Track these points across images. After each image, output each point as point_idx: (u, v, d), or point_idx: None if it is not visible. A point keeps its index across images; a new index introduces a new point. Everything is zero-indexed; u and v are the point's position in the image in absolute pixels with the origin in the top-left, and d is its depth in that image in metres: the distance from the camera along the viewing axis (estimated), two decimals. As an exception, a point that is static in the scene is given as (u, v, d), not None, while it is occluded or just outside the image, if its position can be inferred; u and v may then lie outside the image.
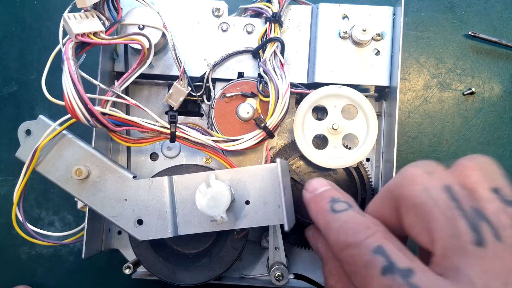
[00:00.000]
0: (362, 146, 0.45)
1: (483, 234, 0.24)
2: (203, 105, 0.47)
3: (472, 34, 0.57)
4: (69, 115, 0.38)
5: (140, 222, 0.39)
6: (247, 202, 0.38)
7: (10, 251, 0.56)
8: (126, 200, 0.39)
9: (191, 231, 0.39)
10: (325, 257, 0.34)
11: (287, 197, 0.38)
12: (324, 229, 0.30)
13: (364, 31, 0.44)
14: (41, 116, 0.40)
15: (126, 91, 0.47)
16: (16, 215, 0.41)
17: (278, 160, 0.37)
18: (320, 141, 0.47)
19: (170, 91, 0.43)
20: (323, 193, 0.33)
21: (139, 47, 0.40)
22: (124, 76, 0.40)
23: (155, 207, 0.39)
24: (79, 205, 0.44)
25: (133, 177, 0.40)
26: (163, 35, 0.43)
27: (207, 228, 0.39)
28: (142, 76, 0.46)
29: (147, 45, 0.40)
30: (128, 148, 0.48)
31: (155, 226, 0.39)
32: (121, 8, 0.43)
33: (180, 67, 0.43)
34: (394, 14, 0.46)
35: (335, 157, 0.46)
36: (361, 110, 0.45)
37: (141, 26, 0.43)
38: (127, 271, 0.44)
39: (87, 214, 0.43)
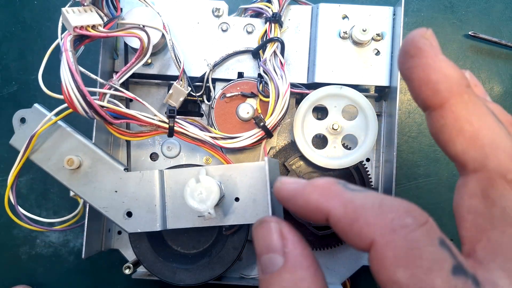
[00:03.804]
0: (362, 146, 0.45)
1: None
2: (203, 105, 0.47)
3: (472, 34, 0.57)
4: (65, 105, 0.38)
5: (129, 214, 0.39)
6: (237, 199, 0.38)
7: (10, 251, 0.56)
8: (116, 191, 0.40)
9: (179, 225, 0.39)
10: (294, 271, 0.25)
11: (274, 195, 0.38)
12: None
13: (364, 31, 0.44)
14: (36, 105, 0.41)
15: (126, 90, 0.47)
16: (8, 198, 0.41)
17: (266, 158, 0.37)
18: (320, 141, 0.47)
19: (170, 91, 0.44)
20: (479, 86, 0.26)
21: (138, 44, 0.40)
22: (123, 69, 0.40)
23: (145, 200, 0.39)
24: (72, 193, 0.44)
25: (124, 169, 0.40)
26: (163, 35, 0.43)
27: (195, 223, 0.39)
28: (142, 76, 0.46)
29: (145, 40, 0.40)
30: (128, 144, 0.48)
31: (144, 219, 0.39)
32: (121, 8, 0.43)
33: (180, 67, 0.43)
34: (394, 14, 0.46)
35: (335, 157, 0.46)
36: (361, 111, 0.45)
37: (141, 26, 0.43)
38: (127, 271, 0.44)
39: (87, 214, 0.43)
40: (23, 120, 0.41)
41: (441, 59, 0.24)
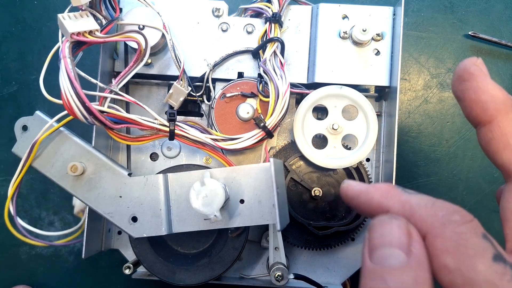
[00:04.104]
0: (362, 146, 0.45)
1: None
2: (203, 105, 0.47)
3: (472, 34, 0.57)
4: (66, 111, 0.38)
5: (134, 219, 0.40)
6: (242, 201, 0.38)
7: (10, 251, 0.56)
8: (121, 197, 0.40)
9: (185, 229, 0.39)
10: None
11: (280, 197, 0.38)
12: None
13: (364, 31, 0.44)
14: (37, 112, 0.41)
15: (127, 91, 0.47)
16: (9, 209, 0.41)
17: (271, 159, 0.37)
18: (320, 141, 0.47)
19: (170, 91, 0.43)
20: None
21: (136, 45, 0.40)
22: (121, 74, 0.40)
23: (150, 205, 0.39)
24: (76, 210, 0.44)
25: (128, 174, 0.40)
26: (163, 35, 0.43)
27: (201, 226, 0.39)
28: (142, 76, 0.46)
29: (143, 43, 0.40)
30: (128, 147, 0.48)
31: (149, 224, 0.39)
32: (120, 8, 0.43)
33: (180, 67, 0.43)
34: (394, 14, 0.46)
35: (335, 157, 0.46)
36: (362, 111, 0.45)
37: (141, 26, 0.43)
38: (127, 271, 0.44)
39: (87, 214, 0.43)
40: (25, 128, 0.41)
41: (490, 83, 0.28)
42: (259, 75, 0.46)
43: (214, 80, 0.47)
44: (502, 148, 0.27)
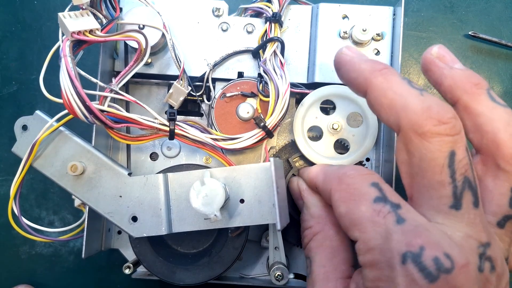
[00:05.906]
0: (362, 146, 0.45)
1: (462, 202, 0.28)
2: (203, 105, 0.47)
3: (472, 34, 0.57)
4: (66, 111, 0.38)
5: (134, 219, 0.40)
6: (242, 201, 0.38)
7: (10, 251, 0.56)
8: (121, 196, 0.40)
9: (185, 228, 0.39)
10: (308, 203, 0.39)
11: (280, 196, 0.38)
12: (394, 100, 0.30)
13: (364, 31, 0.44)
14: (37, 112, 0.41)
15: (127, 90, 0.47)
16: (12, 209, 0.41)
17: (271, 159, 0.37)
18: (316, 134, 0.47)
19: (170, 90, 0.44)
20: (389, 68, 0.32)
21: (136, 45, 0.40)
22: (122, 73, 0.40)
23: (150, 204, 0.39)
24: (76, 203, 0.44)
25: (128, 174, 0.40)
26: (163, 35, 0.43)
27: (201, 226, 0.39)
28: (142, 75, 0.46)
29: (143, 43, 0.40)
30: (128, 146, 0.48)
31: (150, 223, 0.39)
32: (120, 8, 0.43)
33: (180, 67, 0.43)
34: (394, 14, 0.46)
35: (336, 158, 0.46)
36: (364, 115, 0.45)
37: (141, 26, 0.43)
38: (127, 271, 0.44)
39: (87, 214, 0.43)
40: (24, 128, 0.41)
41: (356, 62, 0.33)
42: (259, 74, 0.46)
43: (214, 80, 0.47)
44: (378, 110, 0.31)
